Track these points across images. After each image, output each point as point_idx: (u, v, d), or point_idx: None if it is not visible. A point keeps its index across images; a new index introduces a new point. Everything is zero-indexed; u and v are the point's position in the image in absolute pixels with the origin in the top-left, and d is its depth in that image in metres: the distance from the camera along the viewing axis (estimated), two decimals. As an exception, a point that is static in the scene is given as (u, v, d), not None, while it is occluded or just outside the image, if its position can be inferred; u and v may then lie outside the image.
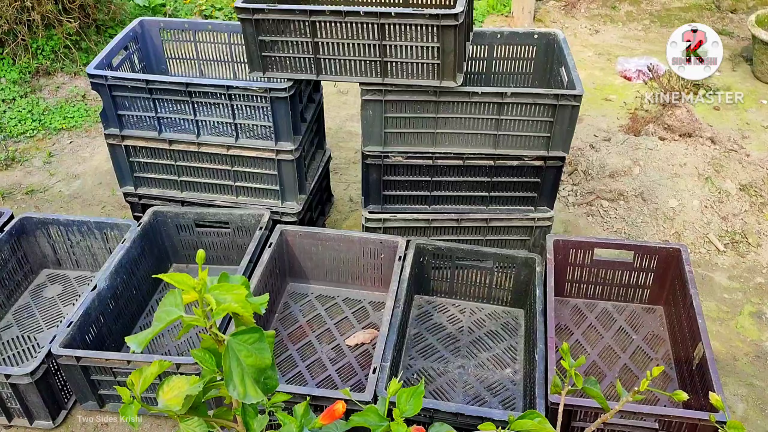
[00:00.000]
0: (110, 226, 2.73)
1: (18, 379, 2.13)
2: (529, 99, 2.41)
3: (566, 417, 2.07)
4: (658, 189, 3.15)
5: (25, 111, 3.88)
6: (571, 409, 2.05)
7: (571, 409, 2.04)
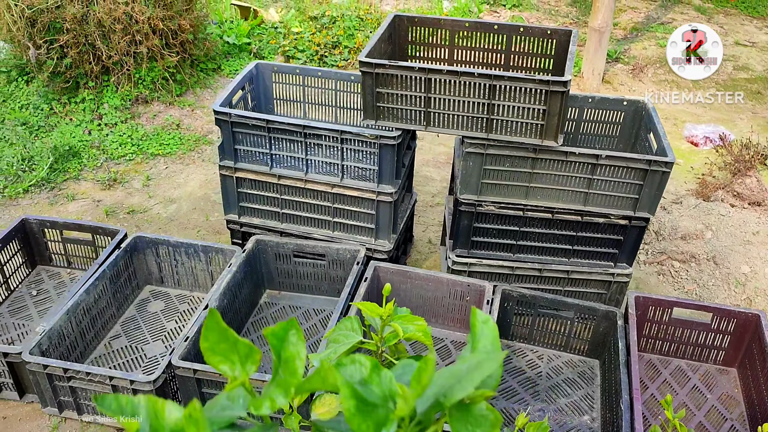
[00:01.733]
0: (215, 251, 2.94)
1: (141, 386, 2.32)
2: (623, 162, 2.57)
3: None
4: (730, 254, 3.27)
5: (125, 136, 4.16)
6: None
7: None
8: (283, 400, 0.83)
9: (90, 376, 2.34)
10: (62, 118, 4.25)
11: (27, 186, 3.69)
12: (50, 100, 4.31)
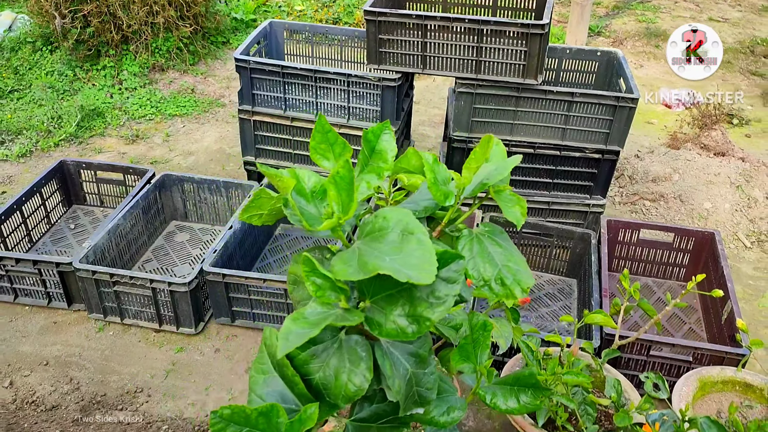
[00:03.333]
0: (235, 186, 3.30)
1: (177, 287, 2.67)
2: (595, 99, 2.95)
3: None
4: (694, 193, 3.65)
5: (144, 99, 4.51)
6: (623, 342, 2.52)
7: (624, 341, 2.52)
8: (377, 181, 1.19)
9: (133, 280, 2.70)
10: (85, 83, 4.60)
11: (57, 141, 4.04)
12: (74, 67, 4.65)
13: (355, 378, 1.03)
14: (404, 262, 0.93)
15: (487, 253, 1.17)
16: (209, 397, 2.55)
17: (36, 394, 2.51)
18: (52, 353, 2.70)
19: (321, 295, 0.99)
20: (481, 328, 1.34)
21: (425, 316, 0.97)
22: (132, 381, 2.60)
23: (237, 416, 0.99)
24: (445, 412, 1.31)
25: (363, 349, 1.05)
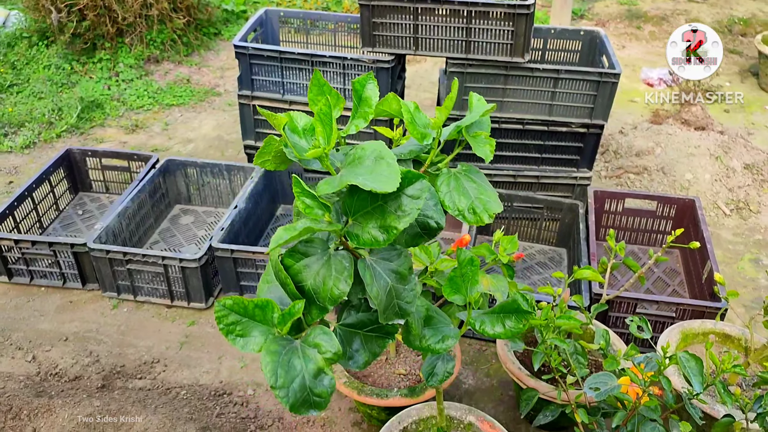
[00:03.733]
0: (237, 169, 3.43)
1: (188, 263, 2.81)
2: (579, 75, 3.10)
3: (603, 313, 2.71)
4: (676, 165, 3.82)
5: (141, 89, 4.63)
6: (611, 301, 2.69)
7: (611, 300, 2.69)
8: (363, 123, 1.34)
9: (145, 258, 2.83)
10: (82, 76, 4.70)
11: (59, 132, 4.15)
12: (70, 61, 4.75)
13: (339, 284, 1.20)
14: (374, 178, 1.11)
15: (462, 188, 1.33)
16: (222, 365, 2.69)
17: (58, 367, 2.64)
18: (70, 330, 2.83)
19: (309, 212, 1.16)
20: (468, 263, 1.49)
21: (393, 225, 1.15)
22: (148, 353, 2.73)
23: (237, 306, 1.16)
24: (440, 340, 1.48)
25: (347, 261, 1.22)
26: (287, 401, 1.11)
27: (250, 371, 2.66)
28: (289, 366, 1.13)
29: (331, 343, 1.17)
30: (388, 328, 1.36)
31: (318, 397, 1.13)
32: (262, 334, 1.17)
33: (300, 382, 1.12)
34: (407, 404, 2.20)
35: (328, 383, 1.15)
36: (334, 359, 1.16)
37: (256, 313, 1.17)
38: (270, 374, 1.11)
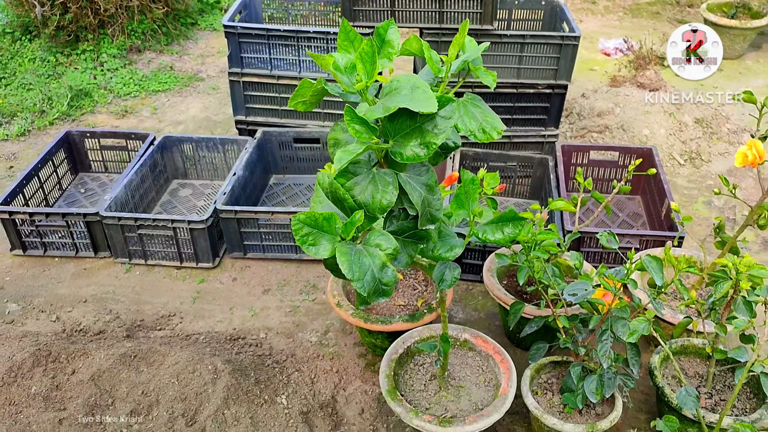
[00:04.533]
0: (231, 142, 3.66)
1: (196, 225, 3.04)
2: (543, 40, 3.41)
3: (576, 244, 3.02)
4: (634, 123, 4.16)
5: (127, 78, 4.81)
6: (580, 237, 3.00)
7: (581, 236, 3.00)
8: (388, 63, 1.61)
9: (155, 222, 3.05)
10: (67, 68, 4.86)
11: (52, 119, 4.32)
12: (55, 53, 4.91)
13: (386, 195, 1.47)
14: (414, 103, 1.38)
15: (470, 113, 1.62)
16: (234, 315, 2.93)
17: (82, 324, 2.85)
18: (88, 293, 3.04)
19: (359, 135, 1.43)
20: (470, 182, 1.78)
21: (432, 142, 1.43)
22: (164, 308, 2.96)
23: (309, 220, 1.43)
24: (448, 249, 1.76)
25: (390, 178, 1.50)
26: (364, 290, 1.39)
27: (260, 319, 2.91)
28: (360, 263, 1.40)
29: (389, 242, 1.44)
30: (421, 233, 1.63)
31: (385, 286, 1.41)
32: (329, 242, 1.44)
33: (371, 274, 1.40)
34: (408, 328, 2.48)
35: (392, 274, 1.43)
36: (393, 255, 1.44)
37: (323, 224, 1.44)
38: (347, 270, 1.38)
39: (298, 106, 1.64)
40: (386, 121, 1.47)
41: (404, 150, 1.45)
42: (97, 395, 2.32)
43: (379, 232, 1.47)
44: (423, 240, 1.66)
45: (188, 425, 2.23)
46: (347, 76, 1.53)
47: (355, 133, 1.43)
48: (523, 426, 2.46)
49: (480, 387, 2.34)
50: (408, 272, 2.79)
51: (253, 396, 2.36)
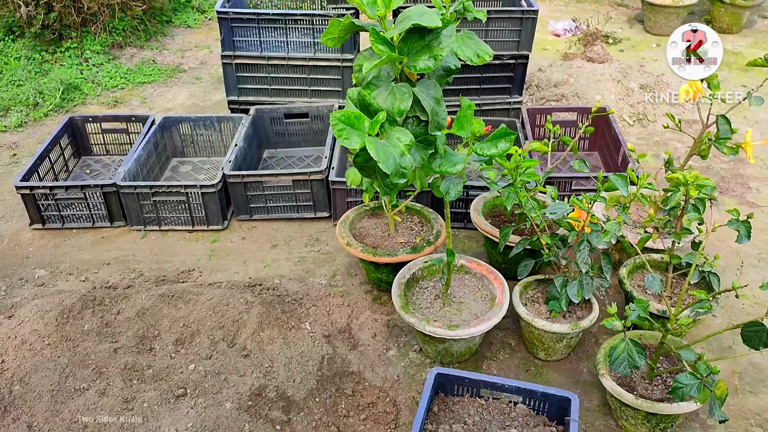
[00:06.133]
0: (226, 120, 3.97)
1: (207, 189, 3.34)
2: (506, 14, 3.83)
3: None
4: (587, 90, 4.63)
5: (113, 72, 5.06)
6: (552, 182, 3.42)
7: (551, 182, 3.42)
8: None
9: (169, 188, 3.34)
10: (53, 65, 5.08)
11: (46, 111, 4.54)
12: (40, 51, 5.12)
13: (403, 103, 1.85)
14: (423, 20, 1.77)
15: (467, 43, 2.02)
16: (248, 267, 3.25)
17: (110, 282, 3.12)
18: (109, 257, 3.31)
19: (382, 53, 1.80)
20: (468, 107, 2.16)
21: (438, 54, 1.84)
22: (183, 265, 3.25)
23: (343, 117, 1.80)
24: (452, 164, 2.14)
25: (406, 89, 1.89)
26: (388, 170, 1.75)
27: (272, 269, 3.24)
28: (385, 150, 1.76)
29: (407, 136, 1.81)
30: (431, 138, 2.01)
31: (404, 169, 1.78)
32: (359, 137, 1.80)
33: (393, 159, 1.76)
34: (411, 259, 2.85)
35: (409, 161, 1.79)
36: (410, 146, 1.81)
37: (354, 122, 1.80)
38: (376, 155, 1.74)
39: (328, 42, 2.01)
40: (401, 43, 1.85)
41: (417, 63, 1.84)
42: (144, 329, 2.61)
43: (398, 129, 1.84)
44: (432, 145, 2.04)
45: (230, 347, 2.55)
46: (370, 8, 1.90)
47: (378, 51, 1.80)
48: (514, 338, 2.86)
49: (478, 301, 2.72)
50: (405, 217, 3.16)
51: (282, 322, 2.68)
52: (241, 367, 2.44)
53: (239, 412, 2.26)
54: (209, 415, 2.23)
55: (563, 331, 2.58)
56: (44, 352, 2.46)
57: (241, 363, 2.46)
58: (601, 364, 2.42)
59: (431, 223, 3.08)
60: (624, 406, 2.35)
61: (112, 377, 2.39)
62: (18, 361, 2.42)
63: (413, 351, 2.78)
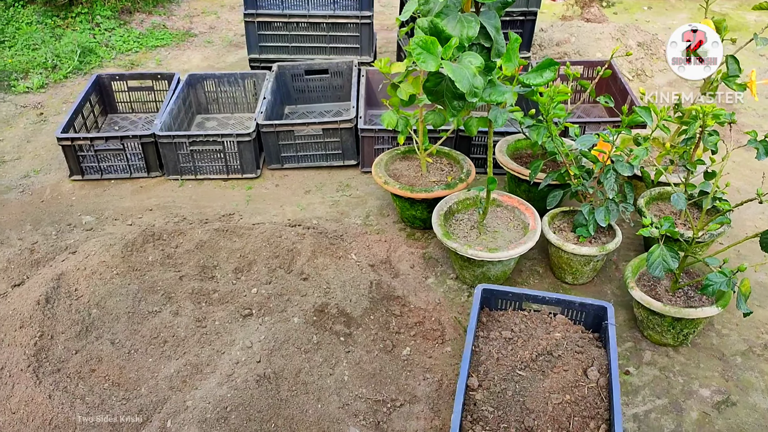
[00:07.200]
0: (250, 76, 4.12)
1: (243, 137, 3.50)
2: (517, -28, 4.03)
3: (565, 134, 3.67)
4: (588, 48, 4.86)
5: (125, 36, 5.15)
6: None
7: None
8: None
9: (206, 137, 3.50)
10: (65, 30, 5.15)
11: (66, 73, 4.63)
12: (51, 17, 5.19)
13: (470, 30, 2.05)
14: None
15: None
16: (285, 210, 3.43)
17: (155, 226, 3.28)
18: (150, 204, 3.46)
19: None
20: (515, 41, 2.36)
21: None
22: (223, 209, 3.42)
23: (420, 42, 2.00)
24: (501, 94, 2.34)
25: (472, 17, 2.09)
26: (464, 88, 1.95)
27: (308, 211, 3.42)
28: (460, 72, 1.96)
29: (477, 59, 2.01)
30: (491, 65, 2.21)
31: (476, 89, 1.98)
32: (433, 60, 1.99)
33: (467, 79, 1.96)
34: (446, 194, 3.05)
35: (480, 81, 1.99)
36: (480, 68, 2.01)
37: (429, 47, 1.99)
38: (453, 75, 1.94)
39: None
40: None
41: (482, -7, 2.05)
42: (204, 259, 2.79)
43: (469, 53, 2.04)
44: (491, 72, 2.24)
45: (287, 272, 2.74)
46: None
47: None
48: (541, 266, 3.09)
49: (511, 230, 2.95)
50: (435, 159, 3.36)
51: (331, 252, 2.88)
52: (302, 288, 2.63)
53: (306, 325, 2.45)
54: (279, 329, 2.42)
55: (591, 253, 2.82)
56: (114, 281, 2.63)
57: (301, 285, 2.65)
58: (630, 279, 2.66)
59: (460, 164, 3.29)
60: (651, 315, 2.60)
61: (181, 301, 2.57)
62: (91, 288, 2.58)
63: (450, 279, 3.00)
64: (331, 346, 2.43)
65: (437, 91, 2.12)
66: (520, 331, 2.47)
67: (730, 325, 2.77)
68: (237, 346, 2.36)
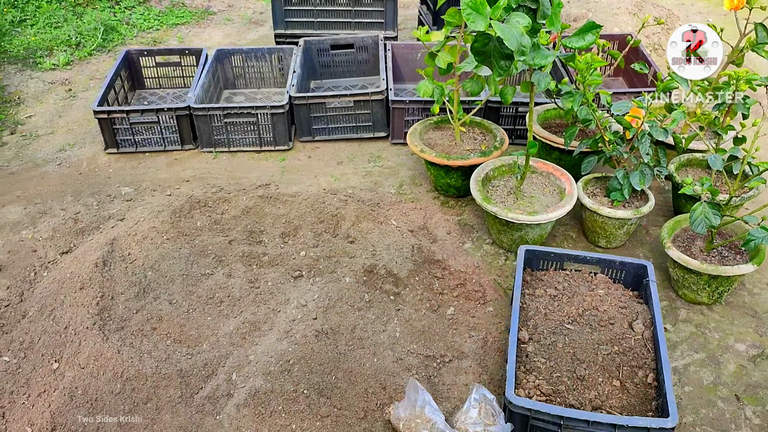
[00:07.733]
0: (277, 51, 4.16)
1: (276, 109, 3.56)
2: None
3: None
4: (605, 23, 4.92)
5: (145, 14, 5.18)
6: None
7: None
8: None
9: (240, 110, 3.55)
10: (85, 8, 5.18)
11: (90, 50, 4.67)
12: (71, -5, 5.22)
13: None
14: None
15: None
16: (319, 180, 3.49)
17: (193, 196, 3.33)
18: (187, 175, 3.52)
19: None
20: (557, 5, 2.42)
21: None
22: (258, 179, 3.48)
23: (470, 2, 2.04)
24: (543, 57, 2.41)
25: None
26: (513, 46, 2.01)
27: (342, 181, 3.49)
28: (509, 31, 2.02)
29: (525, 19, 2.07)
30: (537, 26, 2.28)
31: (524, 47, 2.04)
32: (482, 20, 2.06)
33: (515, 38, 2.02)
34: (481, 162, 3.13)
35: (527, 41, 2.06)
36: (527, 27, 2.07)
37: (479, 7, 2.05)
38: (502, 34, 2.00)
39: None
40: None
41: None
42: (251, 224, 2.86)
43: (516, 13, 2.11)
44: (537, 33, 2.31)
45: (333, 236, 2.81)
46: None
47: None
48: (574, 231, 3.17)
49: (547, 195, 3.02)
50: (468, 129, 3.42)
51: (373, 218, 2.95)
52: (350, 251, 2.71)
53: (358, 284, 2.53)
54: (332, 288, 2.50)
55: (626, 216, 2.90)
56: (166, 245, 2.70)
57: (348, 247, 2.73)
58: (666, 239, 2.74)
59: (493, 133, 3.36)
60: (688, 273, 2.69)
61: (233, 263, 2.64)
62: (144, 252, 2.65)
63: (486, 244, 3.08)
64: (382, 304, 2.51)
65: (485, 51, 2.18)
66: (563, 288, 2.56)
67: (761, 285, 2.86)
68: (292, 305, 2.44)
